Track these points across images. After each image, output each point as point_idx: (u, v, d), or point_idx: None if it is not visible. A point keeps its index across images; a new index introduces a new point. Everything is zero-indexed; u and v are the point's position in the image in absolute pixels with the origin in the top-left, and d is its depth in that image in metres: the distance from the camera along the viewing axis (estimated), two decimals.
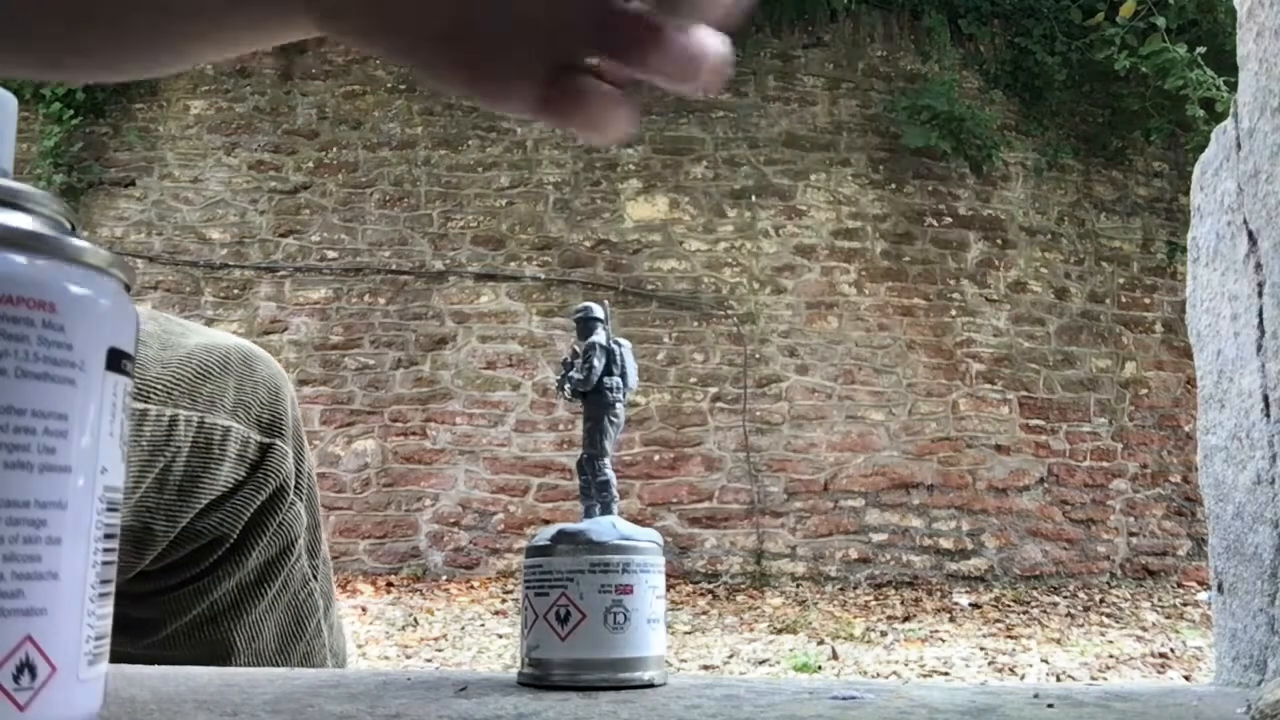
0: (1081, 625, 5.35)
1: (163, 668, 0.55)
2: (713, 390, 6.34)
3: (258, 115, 6.68)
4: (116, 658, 0.68)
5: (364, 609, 5.34)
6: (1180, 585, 6.51)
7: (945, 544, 6.33)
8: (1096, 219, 7.01)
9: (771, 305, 6.44)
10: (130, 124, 6.63)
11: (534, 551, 0.49)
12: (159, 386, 0.58)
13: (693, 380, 6.35)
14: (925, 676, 4.02)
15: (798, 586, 6.07)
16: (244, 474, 0.62)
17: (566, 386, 0.53)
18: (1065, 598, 6.08)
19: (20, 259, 0.31)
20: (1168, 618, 5.58)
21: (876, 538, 6.29)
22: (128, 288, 0.34)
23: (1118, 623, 5.43)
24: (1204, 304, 0.62)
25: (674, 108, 6.59)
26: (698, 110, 6.62)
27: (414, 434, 6.24)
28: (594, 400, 0.52)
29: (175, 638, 0.65)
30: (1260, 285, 0.55)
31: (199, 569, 0.64)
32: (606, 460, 0.51)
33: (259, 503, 0.63)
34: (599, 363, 0.52)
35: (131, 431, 0.54)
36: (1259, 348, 0.55)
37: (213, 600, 0.65)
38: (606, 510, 0.50)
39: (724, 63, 0.44)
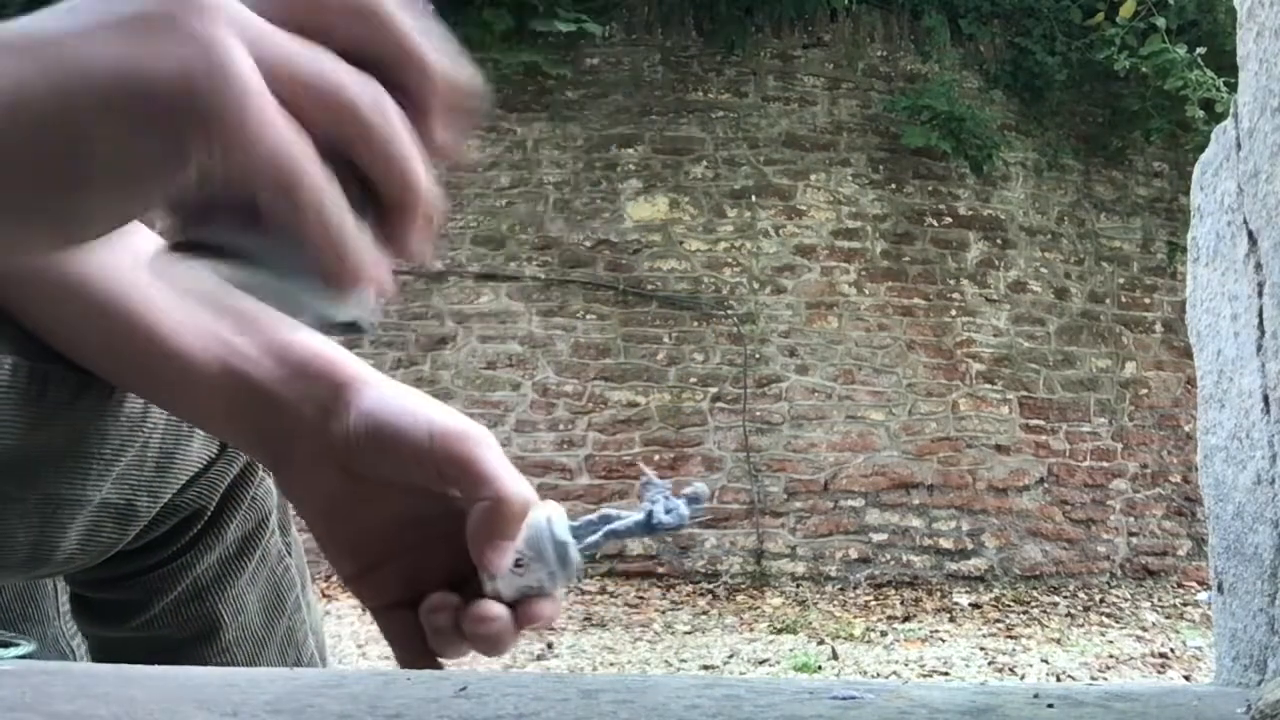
0: (1081, 625, 5.35)
1: (162, 668, 0.55)
2: (713, 390, 6.34)
3: None
4: (106, 642, 0.69)
5: (365, 609, 5.33)
6: (1180, 585, 6.51)
7: (945, 544, 6.33)
8: (1096, 219, 7.01)
9: (771, 305, 6.43)
10: None
11: None
12: None
13: (693, 380, 6.35)
14: (925, 676, 4.02)
15: (798, 586, 6.07)
16: (215, 450, 0.64)
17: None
18: (1065, 598, 6.09)
19: None
20: (1168, 618, 5.59)
21: (876, 538, 6.29)
22: None
23: (1118, 623, 5.44)
24: (1204, 304, 0.62)
25: (673, 108, 6.60)
26: (698, 110, 6.62)
27: None
28: None
29: (162, 616, 0.66)
30: (1260, 285, 0.55)
31: (180, 544, 0.65)
32: None
33: (232, 475, 0.66)
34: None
35: (111, 409, 0.57)
36: (1259, 348, 0.55)
37: (196, 575, 0.66)
38: None
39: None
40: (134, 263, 0.55)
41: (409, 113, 0.35)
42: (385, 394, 0.55)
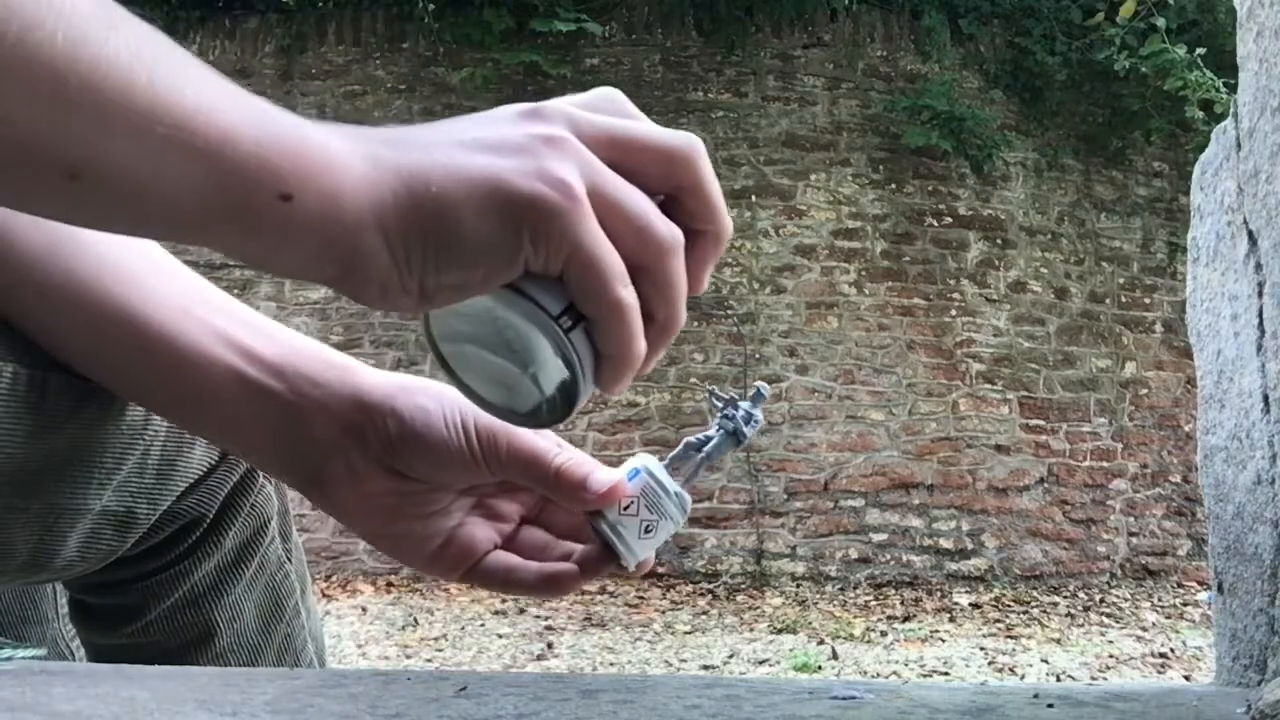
0: (1081, 625, 5.35)
1: (163, 667, 0.55)
2: (713, 390, 6.34)
3: None
4: (101, 649, 0.69)
5: (364, 609, 5.34)
6: (1180, 585, 6.51)
7: (945, 544, 6.33)
8: (1096, 219, 7.01)
9: (771, 305, 6.44)
10: None
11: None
12: None
13: (693, 380, 6.35)
14: (925, 676, 4.02)
15: (798, 586, 6.07)
16: (215, 457, 0.63)
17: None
18: (1065, 598, 6.09)
19: None
20: (1168, 618, 5.59)
21: (876, 538, 6.29)
22: None
23: (1118, 623, 5.44)
24: (1204, 304, 0.62)
25: (673, 108, 6.59)
26: (698, 110, 6.62)
27: None
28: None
29: (157, 623, 0.66)
30: (1260, 285, 0.55)
31: (178, 551, 0.65)
32: None
33: (232, 483, 0.65)
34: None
35: (113, 416, 0.56)
36: (1259, 348, 0.55)
37: (193, 582, 0.66)
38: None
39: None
40: (151, 269, 0.54)
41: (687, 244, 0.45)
42: (414, 398, 0.54)
